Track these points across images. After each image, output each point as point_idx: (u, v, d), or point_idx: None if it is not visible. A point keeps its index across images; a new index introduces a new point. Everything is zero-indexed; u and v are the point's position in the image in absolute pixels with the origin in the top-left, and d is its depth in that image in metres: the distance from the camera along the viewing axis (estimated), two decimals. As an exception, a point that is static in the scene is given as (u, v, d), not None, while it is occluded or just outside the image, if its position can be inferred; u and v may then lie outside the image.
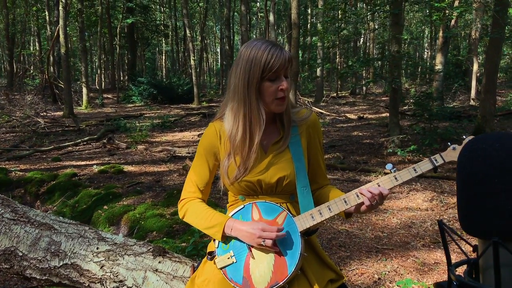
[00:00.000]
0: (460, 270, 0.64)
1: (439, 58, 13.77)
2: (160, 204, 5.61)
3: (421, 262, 4.21)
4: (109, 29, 26.17)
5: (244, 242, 1.56)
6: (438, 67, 12.68)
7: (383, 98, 20.77)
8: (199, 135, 11.95)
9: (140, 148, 10.09)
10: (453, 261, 0.64)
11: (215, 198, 5.85)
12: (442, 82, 13.64)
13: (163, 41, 37.06)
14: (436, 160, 1.50)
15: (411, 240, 4.77)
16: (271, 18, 15.91)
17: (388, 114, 12.29)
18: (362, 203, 1.51)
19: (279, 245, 1.51)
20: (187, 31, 21.25)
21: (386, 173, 1.59)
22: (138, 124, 12.97)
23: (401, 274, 3.99)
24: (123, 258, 1.84)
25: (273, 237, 1.48)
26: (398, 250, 4.51)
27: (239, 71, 1.54)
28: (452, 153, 1.50)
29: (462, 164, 0.57)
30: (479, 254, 0.57)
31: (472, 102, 16.17)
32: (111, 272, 1.81)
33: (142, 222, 5.02)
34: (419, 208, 5.84)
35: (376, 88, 27.37)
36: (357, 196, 1.52)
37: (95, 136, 11.40)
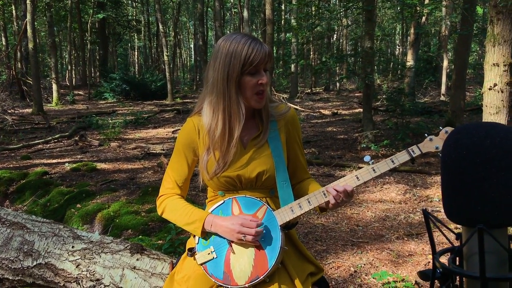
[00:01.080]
0: (444, 259, 0.64)
1: (410, 55, 14.04)
2: (135, 202, 5.53)
3: (396, 254, 4.29)
4: (79, 24, 25.54)
5: (224, 238, 1.55)
6: (410, 63, 12.93)
7: (356, 94, 21.05)
8: (173, 132, 11.84)
9: (113, 145, 9.92)
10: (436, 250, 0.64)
11: (191, 195, 5.81)
12: (413, 78, 13.92)
13: (136, 36, 36.51)
14: (413, 151, 1.52)
15: (385, 233, 4.86)
16: (245, 14, 15.87)
17: (361, 110, 12.47)
18: (329, 201, 1.52)
19: (260, 240, 1.51)
20: (160, 27, 20.99)
21: (360, 167, 1.61)
22: (110, 121, 12.74)
23: (377, 267, 4.05)
24: (100, 256, 1.80)
25: (253, 233, 1.47)
26: (373, 243, 4.58)
27: (218, 65, 1.52)
28: (429, 144, 1.53)
29: (447, 154, 0.57)
30: (463, 242, 0.58)
31: (442, 98, 16.57)
32: (87, 271, 1.77)
33: (117, 220, 4.94)
34: (393, 201, 5.95)
35: (349, 84, 27.71)
36: (324, 194, 1.53)
37: (67, 134, 11.13)
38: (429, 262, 4.15)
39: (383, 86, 17.82)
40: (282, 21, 26.94)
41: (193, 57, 44.53)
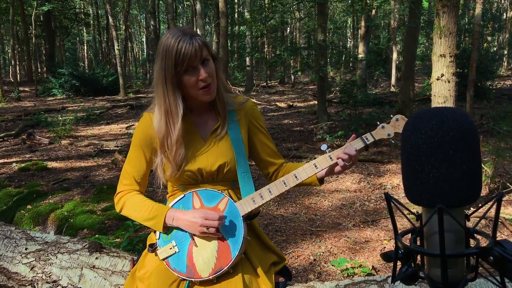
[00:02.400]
0: (405, 241, 0.67)
1: (361, 47, 14.40)
2: (90, 200, 5.37)
3: (353, 241, 4.41)
4: (22, 17, 24.28)
5: (186, 231, 1.53)
6: (361, 55, 13.26)
7: (310, 87, 21.35)
8: (127, 128, 11.56)
9: (65, 143, 9.56)
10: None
11: (148, 192, 5.71)
12: (365, 70, 14.29)
13: (84, 30, 35.21)
14: (367, 139, 1.57)
15: (342, 221, 4.99)
16: (198, 6, 15.67)
17: (316, 102, 12.67)
18: (336, 164, 1.55)
19: (222, 231, 1.51)
20: (110, 20, 20.35)
21: (312, 159, 1.64)
22: (60, 118, 12.26)
23: (335, 254, 4.16)
24: (56, 257, 1.74)
25: (216, 225, 1.47)
26: (331, 231, 4.70)
27: (157, 65, 1.51)
28: (381, 132, 1.58)
29: (406, 139, 0.60)
30: (423, 222, 0.60)
31: (392, 89, 17.13)
32: (43, 273, 1.70)
33: (71, 220, 4.78)
34: (348, 190, 6.11)
35: (303, 77, 28.07)
36: (330, 158, 1.55)
37: (13, 132, 10.61)
38: (385, 247, 4.30)
39: (336, 78, 18.20)
40: (236, 14, 26.86)
41: (145, 51, 43.53)
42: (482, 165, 6.07)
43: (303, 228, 4.78)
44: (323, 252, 4.18)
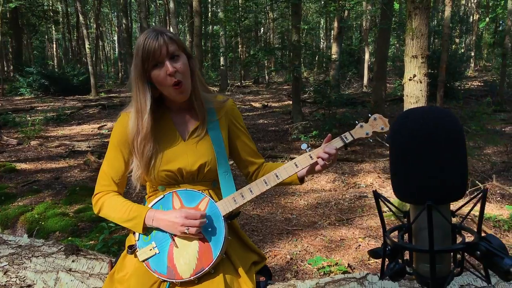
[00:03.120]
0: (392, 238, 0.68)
1: (334, 48, 14.56)
2: (62, 202, 5.24)
3: (328, 239, 4.46)
4: (-12, 14, 23.50)
5: (166, 232, 1.52)
6: (334, 56, 13.41)
7: (285, 87, 21.48)
8: (99, 128, 11.35)
9: (34, 144, 9.30)
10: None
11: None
12: (338, 70, 14.47)
13: (53, 28, 34.31)
14: (346, 138, 1.59)
15: (318, 220, 5.04)
16: (171, 5, 15.52)
17: (290, 102, 12.75)
18: (316, 163, 1.56)
19: (203, 231, 1.50)
20: (81, 18, 19.92)
21: (292, 158, 1.65)
22: (29, 118, 11.91)
23: (311, 253, 4.19)
24: (31, 261, 1.69)
25: (197, 224, 1.46)
26: (307, 230, 4.74)
27: (132, 65, 1.51)
28: (360, 131, 1.61)
29: (394, 138, 0.61)
30: (412, 219, 0.62)
31: (364, 89, 17.41)
32: (17, 277, 1.65)
33: (43, 223, 4.65)
34: (323, 189, 6.18)
35: (277, 77, 28.20)
36: (311, 157, 1.56)
37: (-21, 133, 10.25)
38: (360, 245, 4.37)
39: (310, 79, 18.36)
40: (209, 13, 26.73)
41: (116, 50, 42.80)
42: (452, 164, 6.25)
43: (279, 228, 4.80)
44: (300, 251, 4.20)
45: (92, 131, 11.04)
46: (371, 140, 1.63)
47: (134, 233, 1.57)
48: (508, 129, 9.80)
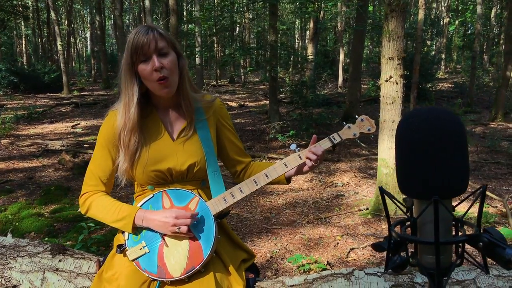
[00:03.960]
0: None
1: (310, 49, 14.69)
2: (37, 203, 5.13)
3: (307, 238, 4.52)
4: (-46, 8, 22.68)
5: (156, 231, 1.52)
6: (311, 57, 13.54)
7: (261, 87, 21.54)
8: (73, 127, 11.13)
9: (5, 143, 9.04)
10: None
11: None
12: (313, 71, 14.61)
13: (22, 23, 33.36)
14: (334, 138, 1.63)
15: (296, 218, 5.09)
16: (147, 3, 15.33)
17: (267, 102, 12.80)
18: (304, 164, 1.59)
19: (193, 231, 1.51)
20: (52, 14, 19.44)
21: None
22: (-1, 116, 11.59)
23: (291, 251, 4.24)
24: (16, 261, 1.66)
25: (188, 223, 1.47)
26: (286, 228, 4.78)
27: (123, 58, 1.53)
28: (347, 131, 1.65)
29: (402, 136, 0.64)
30: (416, 214, 0.65)
31: (339, 90, 17.64)
32: (2, 277, 1.62)
33: (17, 224, 4.55)
34: (301, 189, 6.25)
35: (253, 76, 28.24)
36: (300, 157, 1.58)
37: None
38: (338, 243, 4.44)
39: (285, 79, 18.46)
40: (184, 12, 26.53)
41: (89, 47, 41.95)
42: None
43: (258, 226, 4.83)
44: (279, 249, 4.25)
45: (65, 129, 10.82)
46: (358, 141, 1.68)
47: (123, 232, 1.57)
48: (478, 130, 10.12)
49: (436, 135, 0.61)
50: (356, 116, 1.68)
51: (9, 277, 1.63)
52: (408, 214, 0.69)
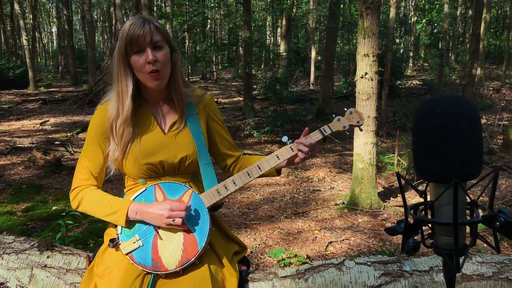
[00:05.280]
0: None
1: (282, 46, 14.80)
2: (8, 201, 4.97)
3: (286, 232, 4.56)
4: None
5: (150, 224, 1.51)
6: (284, 54, 13.63)
7: (233, 83, 21.52)
8: (41, 124, 10.82)
9: (-31, 140, 8.71)
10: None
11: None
12: (286, 68, 14.71)
13: (-16, 17, 32.09)
14: (325, 131, 1.66)
15: (275, 213, 5.13)
16: (118, -2, 15.05)
17: (240, 98, 12.80)
18: (296, 155, 1.60)
19: (187, 223, 1.51)
20: (17, 7, 18.80)
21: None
22: (-39, 113, 11.15)
23: (270, 246, 4.27)
24: (2, 258, 1.62)
25: (183, 216, 1.47)
26: (265, 223, 4.82)
27: (116, 48, 1.52)
28: (337, 124, 1.68)
29: (420, 123, 0.67)
30: (433, 197, 0.68)
31: (311, 87, 17.81)
32: (-13, 275, 1.58)
33: (-13, 223, 4.40)
34: (278, 184, 6.29)
35: (225, 73, 28.15)
36: (292, 149, 1.60)
37: None
38: (316, 237, 4.51)
39: (257, 75, 18.50)
40: (155, 7, 26.17)
41: (55, 42, 40.79)
42: (399, 158, 6.58)
43: (237, 222, 4.84)
44: (259, 244, 4.27)
45: (34, 127, 10.50)
46: (347, 133, 1.71)
47: (116, 226, 1.55)
48: (446, 126, 10.43)
49: (457, 121, 0.64)
50: (345, 109, 1.72)
51: (-5, 275, 1.59)
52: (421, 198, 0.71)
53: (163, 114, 1.63)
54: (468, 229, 0.72)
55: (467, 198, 0.68)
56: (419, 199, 5.35)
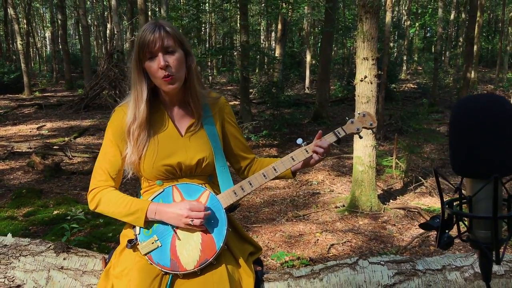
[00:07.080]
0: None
1: (278, 50, 14.85)
2: (8, 206, 4.95)
3: (288, 235, 4.59)
4: None
5: (168, 225, 1.53)
6: (279, 58, 13.68)
7: (228, 87, 21.53)
8: (38, 128, 10.78)
9: (-34, 146, 8.65)
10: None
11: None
12: (282, 72, 14.76)
13: (-23, 22, 31.92)
14: (339, 133, 1.69)
15: (276, 216, 5.15)
16: (113, 2, 15.07)
17: (236, 102, 12.82)
18: (311, 157, 1.64)
19: (205, 223, 1.53)
20: (11, 11, 18.73)
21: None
22: (-43, 118, 11.07)
23: (273, 248, 4.29)
24: (19, 260, 1.63)
25: (202, 216, 1.49)
26: (266, 226, 4.83)
27: (132, 56, 1.56)
28: (351, 126, 1.71)
29: (459, 121, 0.70)
30: (472, 192, 0.71)
31: (307, 91, 17.88)
32: (5, 278, 1.58)
33: (-11, 228, 4.38)
34: (278, 187, 6.31)
35: (220, 77, 28.17)
36: (306, 151, 1.63)
37: None
38: (318, 239, 4.53)
39: (253, 79, 18.55)
40: (149, 11, 26.19)
41: (48, 47, 40.66)
42: (397, 161, 6.63)
43: (239, 225, 4.85)
44: (262, 247, 4.28)
45: (30, 131, 10.46)
46: (361, 135, 1.74)
47: (133, 227, 1.56)
48: (442, 129, 10.52)
49: (497, 118, 0.67)
50: (358, 113, 1.74)
51: (13, 277, 1.59)
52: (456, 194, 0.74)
53: (180, 116, 1.65)
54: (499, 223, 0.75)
55: (504, 192, 0.71)
56: (412, 201, 5.41)
